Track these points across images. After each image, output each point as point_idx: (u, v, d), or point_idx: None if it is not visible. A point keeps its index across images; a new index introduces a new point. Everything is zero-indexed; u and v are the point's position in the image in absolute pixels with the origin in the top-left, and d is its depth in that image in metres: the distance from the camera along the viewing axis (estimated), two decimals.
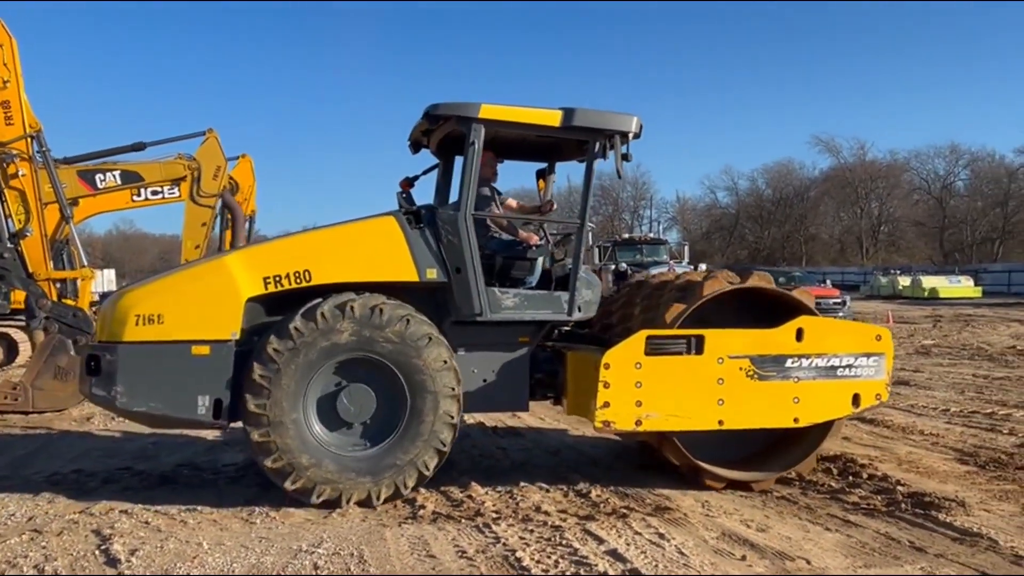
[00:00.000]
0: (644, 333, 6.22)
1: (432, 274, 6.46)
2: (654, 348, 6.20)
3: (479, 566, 4.85)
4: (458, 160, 7.56)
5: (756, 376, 6.33)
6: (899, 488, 6.46)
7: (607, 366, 6.08)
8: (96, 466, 7.51)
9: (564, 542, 5.22)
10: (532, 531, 5.48)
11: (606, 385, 6.08)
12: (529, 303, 6.67)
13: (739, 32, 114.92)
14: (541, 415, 9.88)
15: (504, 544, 5.19)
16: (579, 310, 6.76)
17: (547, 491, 6.56)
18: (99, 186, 14.20)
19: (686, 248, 29.25)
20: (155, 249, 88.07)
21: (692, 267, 27.07)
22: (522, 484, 6.69)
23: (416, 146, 7.58)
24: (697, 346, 6.27)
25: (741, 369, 6.31)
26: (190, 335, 6.04)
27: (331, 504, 6.02)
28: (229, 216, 15.89)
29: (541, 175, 8.01)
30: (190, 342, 6.03)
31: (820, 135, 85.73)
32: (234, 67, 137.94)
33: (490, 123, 6.49)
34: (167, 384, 6.01)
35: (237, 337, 6.13)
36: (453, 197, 7.59)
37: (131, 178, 14.78)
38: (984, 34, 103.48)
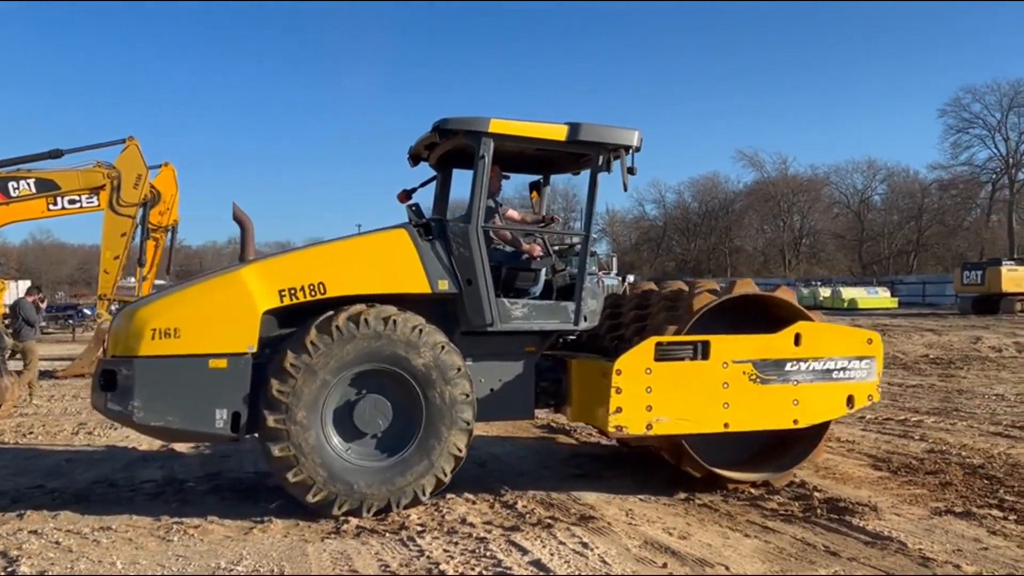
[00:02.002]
0: (654, 339, 6.35)
1: (444, 285, 6.50)
2: (663, 354, 6.34)
3: None
4: (456, 173, 7.70)
5: (758, 380, 6.53)
6: (816, 494, 6.65)
7: (619, 372, 6.18)
8: (5, 485, 7.22)
9: (488, 554, 5.23)
10: (457, 543, 5.47)
11: (618, 391, 6.18)
12: (537, 313, 6.75)
13: (664, 48, 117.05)
14: None
15: (428, 557, 5.17)
16: (585, 319, 6.86)
17: (473, 503, 6.56)
18: (12, 194, 13.80)
19: (614, 259, 29.63)
20: (74, 260, 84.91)
21: (620, 278, 27.45)
22: (448, 496, 6.66)
23: (416, 159, 7.61)
24: (703, 351, 6.44)
25: (744, 373, 6.50)
26: (207, 348, 5.99)
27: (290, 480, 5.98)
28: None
29: (535, 187, 8.13)
30: (207, 356, 5.98)
31: (744, 150, 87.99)
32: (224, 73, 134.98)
33: (499, 137, 6.56)
34: (184, 398, 5.95)
35: (254, 350, 6.08)
36: (451, 210, 7.65)
37: (46, 186, 14.37)
38: (897, 54, 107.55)
